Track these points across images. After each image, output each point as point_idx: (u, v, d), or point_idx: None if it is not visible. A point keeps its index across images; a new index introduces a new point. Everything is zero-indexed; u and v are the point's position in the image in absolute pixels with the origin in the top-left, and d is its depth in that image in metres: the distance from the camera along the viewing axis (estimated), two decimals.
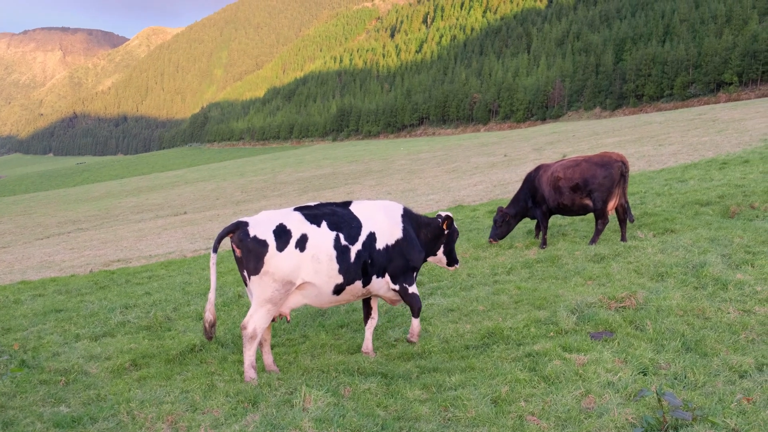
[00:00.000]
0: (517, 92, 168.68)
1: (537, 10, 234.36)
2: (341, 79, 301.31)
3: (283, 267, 6.93)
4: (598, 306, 8.20)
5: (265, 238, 6.92)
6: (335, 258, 7.16)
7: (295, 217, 7.17)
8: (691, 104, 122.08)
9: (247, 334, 7.00)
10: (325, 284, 7.20)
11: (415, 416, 5.77)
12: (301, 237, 7.03)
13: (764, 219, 12.56)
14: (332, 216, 7.35)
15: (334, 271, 7.18)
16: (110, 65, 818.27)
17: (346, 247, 7.24)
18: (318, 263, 7.10)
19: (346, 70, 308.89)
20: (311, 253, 7.06)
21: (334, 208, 7.50)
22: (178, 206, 51.67)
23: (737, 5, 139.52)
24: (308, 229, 7.11)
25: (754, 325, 7.18)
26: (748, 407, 5.24)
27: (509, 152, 53.94)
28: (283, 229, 7.01)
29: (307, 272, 7.08)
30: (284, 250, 6.94)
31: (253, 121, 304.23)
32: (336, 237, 7.21)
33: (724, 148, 28.44)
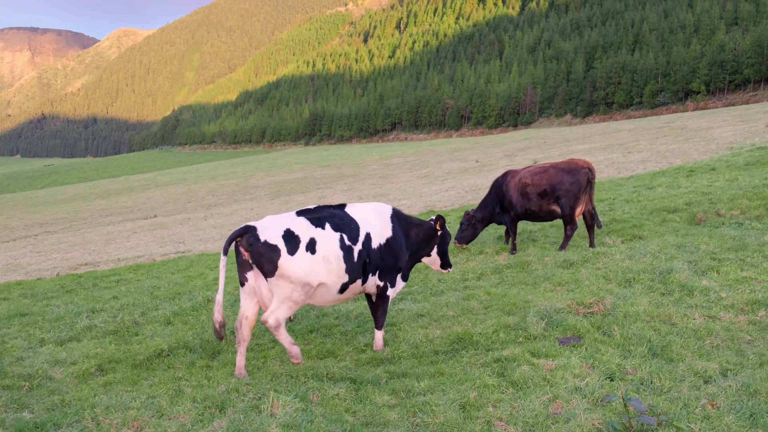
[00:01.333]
0: (489, 98, 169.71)
1: (509, 18, 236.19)
2: (314, 84, 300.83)
3: (297, 270, 7.21)
4: (567, 312, 8.26)
5: (275, 243, 7.18)
6: (342, 258, 7.50)
7: (300, 221, 7.43)
8: (660, 112, 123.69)
9: (271, 325, 7.32)
10: (334, 284, 7.53)
11: (384, 422, 5.76)
12: (310, 240, 7.32)
13: (730, 226, 12.74)
14: (333, 218, 7.65)
15: (342, 271, 7.52)
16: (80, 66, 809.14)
17: (350, 248, 7.59)
18: (329, 264, 7.41)
19: (319, 74, 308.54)
20: (321, 255, 7.36)
21: (333, 211, 7.81)
22: (148, 209, 51.19)
23: (705, 16, 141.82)
24: (315, 233, 7.39)
25: (719, 330, 7.27)
26: (713, 412, 5.30)
27: (481, 158, 54.23)
28: (291, 234, 7.28)
29: (321, 273, 7.38)
30: (295, 253, 7.20)
31: (225, 124, 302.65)
32: (341, 238, 7.54)
33: (692, 156, 28.85)
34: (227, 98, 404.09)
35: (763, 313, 7.61)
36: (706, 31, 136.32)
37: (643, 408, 4.98)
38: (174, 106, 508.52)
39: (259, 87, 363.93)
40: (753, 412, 5.25)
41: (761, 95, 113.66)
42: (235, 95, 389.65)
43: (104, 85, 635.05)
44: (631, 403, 5.01)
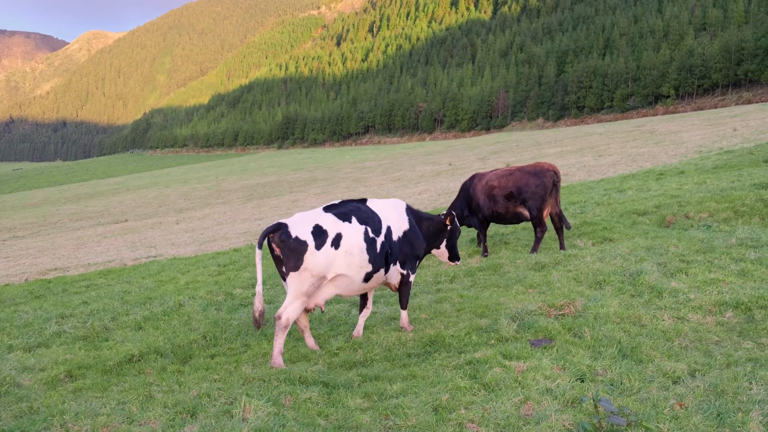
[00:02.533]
0: (462, 102, 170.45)
1: (481, 22, 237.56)
2: (287, 87, 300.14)
3: (319, 264, 7.61)
4: (538, 314, 8.32)
5: (305, 239, 7.57)
6: (366, 249, 7.96)
7: (328, 217, 7.85)
8: (631, 116, 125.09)
9: (281, 324, 7.61)
10: (356, 274, 7.95)
11: (356, 425, 5.75)
12: (336, 236, 7.75)
13: (698, 229, 12.91)
14: (358, 212, 8.14)
15: (365, 261, 7.97)
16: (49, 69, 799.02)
17: (373, 239, 8.07)
18: (351, 257, 7.84)
19: (291, 77, 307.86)
20: (344, 249, 7.80)
21: (357, 205, 8.30)
22: (119, 214, 50.68)
23: (674, 21, 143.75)
24: (342, 228, 7.84)
25: (688, 332, 7.37)
26: (681, 412, 5.36)
27: (454, 161, 54.44)
28: (320, 229, 7.70)
29: (340, 266, 7.80)
30: (321, 248, 7.62)
31: (197, 127, 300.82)
32: (365, 230, 8.02)
33: (661, 160, 29.24)
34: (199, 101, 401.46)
35: (730, 314, 7.73)
36: (676, 36, 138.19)
37: (612, 408, 5.04)
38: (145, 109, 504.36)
39: (231, 90, 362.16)
40: (720, 411, 5.33)
41: (729, 100, 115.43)
42: (207, 98, 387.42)
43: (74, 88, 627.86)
44: (601, 404, 5.06)
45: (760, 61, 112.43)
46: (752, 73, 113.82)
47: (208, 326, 9.56)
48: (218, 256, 18.09)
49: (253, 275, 13.50)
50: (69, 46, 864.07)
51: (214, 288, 12.32)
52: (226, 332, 9.22)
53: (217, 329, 9.35)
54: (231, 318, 9.97)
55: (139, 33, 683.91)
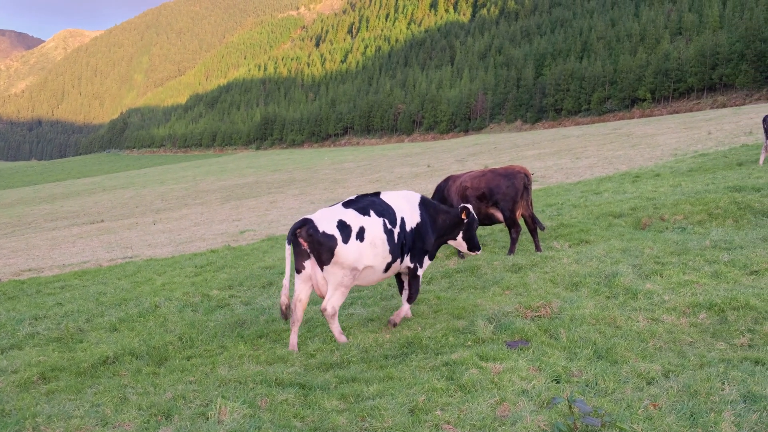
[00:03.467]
0: (441, 104, 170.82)
1: (460, 24, 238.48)
2: (265, 87, 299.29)
3: (349, 256, 8.00)
4: (515, 315, 8.36)
5: (333, 233, 7.96)
6: (386, 240, 8.39)
7: (350, 212, 8.25)
8: (607, 119, 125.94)
9: (328, 314, 8.12)
10: (380, 264, 8.41)
11: (332, 427, 5.74)
12: (360, 229, 8.15)
13: (673, 231, 13.04)
14: (374, 205, 8.51)
15: (386, 252, 8.41)
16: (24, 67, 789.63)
17: (390, 231, 8.47)
18: (375, 248, 8.28)
19: (270, 78, 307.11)
20: (369, 241, 8.21)
21: (372, 198, 8.66)
22: (95, 214, 50.19)
23: (651, 25, 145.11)
24: (363, 221, 8.24)
25: (662, 333, 7.43)
26: (655, 413, 5.41)
27: (432, 163, 54.56)
28: (344, 224, 8.09)
29: (368, 257, 8.23)
30: (348, 242, 8.01)
31: (174, 127, 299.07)
32: (383, 222, 8.43)
33: (637, 162, 29.50)
34: (177, 101, 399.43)
35: (704, 316, 7.81)
36: (652, 40, 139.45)
37: (587, 409, 5.07)
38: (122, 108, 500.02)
39: (209, 90, 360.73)
40: (693, 412, 5.38)
41: (704, 103, 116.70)
42: (185, 98, 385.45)
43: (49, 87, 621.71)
44: (576, 405, 5.09)
45: (734, 66, 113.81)
46: (727, 77, 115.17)
47: (185, 328, 9.50)
48: (195, 257, 17.99)
49: (230, 276, 13.44)
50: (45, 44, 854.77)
51: (191, 289, 12.25)
52: (203, 334, 9.17)
53: (193, 331, 9.29)
54: (207, 319, 9.92)
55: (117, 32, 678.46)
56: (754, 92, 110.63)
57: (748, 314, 7.62)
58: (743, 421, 5.19)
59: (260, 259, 15.59)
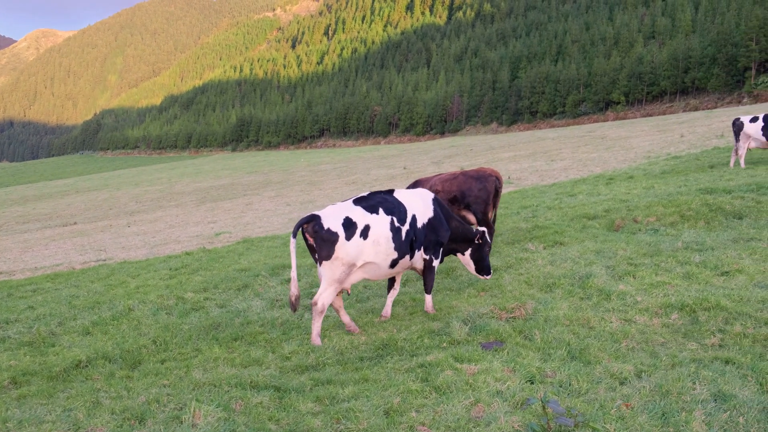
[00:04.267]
0: (417, 106, 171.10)
1: (436, 26, 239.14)
2: (241, 89, 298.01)
3: (349, 253, 8.22)
4: (490, 317, 8.40)
5: (336, 230, 8.17)
6: (391, 239, 8.57)
7: (358, 210, 8.44)
8: (582, 122, 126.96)
9: (317, 309, 8.28)
10: (383, 261, 8.58)
11: (307, 429, 5.72)
12: (365, 227, 8.35)
13: (646, 232, 13.17)
14: (385, 203, 8.71)
15: (391, 249, 8.59)
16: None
17: (398, 228, 8.66)
18: (378, 246, 8.46)
19: (246, 79, 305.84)
20: (372, 239, 8.40)
21: (384, 196, 8.86)
22: (68, 216, 49.60)
23: (624, 29, 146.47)
24: (370, 219, 8.42)
25: (635, 333, 7.50)
26: (627, 413, 5.47)
27: (409, 165, 54.62)
28: (350, 221, 8.29)
29: (369, 254, 8.41)
30: (351, 239, 8.22)
31: (149, 129, 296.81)
32: (391, 220, 8.61)
33: (611, 165, 29.76)
34: (152, 102, 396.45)
35: (675, 316, 7.90)
36: (626, 43, 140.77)
37: (561, 410, 5.10)
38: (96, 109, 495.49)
39: (184, 91, 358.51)
40: (665, 411, 5.45)
41: (677, 106, 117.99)
42: (159, 99, 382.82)
43: (21, 88, 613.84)
44: (549, 406, 5.12)
45: (706, 70, 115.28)
46: (699, 80, 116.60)
47: (159, 331, 9.44)
48: (170, 260, 17.85)
49: (205, 279, 13.36)
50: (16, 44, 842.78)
51: (165, 292, 12.16)
52: (177, 337, 9.11)
53: (167, 334, 9.23)
54: (182, 322, 9.85)
55: (90, 32, 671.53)
56: (726, 96, 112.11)
57: (719, 315, 7.72)
58: (713, 420, 5.26)
59: (236, 262, 15.52)
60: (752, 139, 20.46)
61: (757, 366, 6.24)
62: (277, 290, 11.53)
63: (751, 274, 9.20)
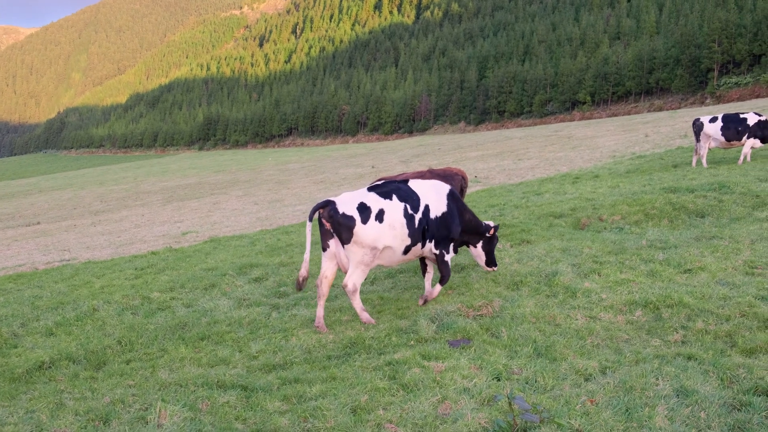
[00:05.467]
0: (385, 105, 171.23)
1: (404, 26, 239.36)
2: (208, 87, 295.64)
3: (367, 236, 8.49)
4: (457, 314, 8.45)
5: (351, 214, 8.45)
6: (405, 224, 8.81)
7: (371, 196, 8.73)
8: (549, 121, 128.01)
9: (349, 290, 8.63)
10: (398, 246, 8.85)
11: (274, 428, 5.71)
12: (379, 211, 8.59)
13: (611, 231, 13.34)
14: (398, 191, 8.94)
15: (405, 235, 8.83)
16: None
17: (412, 216, 8.89)
18: (394, 230, 8.71)
19: (213, 77, 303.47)
20: (388, 223, 8.64)
21: (398, 185, 9.11)
22: (31, 216, 48.80)
23: (590, 29, 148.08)
24: (384, 204, 8.68)
25: (599, 330, 7.60)
26: (592, 408, 5.54)
27: (377, 164, 54.64)
28: (364, 206, 8.56)
29: (387, 238, 8.66)
30: (367, 222, 8.48)
31: (114, 127, 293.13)
32: (405, 207, 8.84)
33: (577, 164, 30.07)
34: (117, 101, 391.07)
35: (639, 313, 8.01)
36: (591, 44, 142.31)
37: (526, 406, 5.16)
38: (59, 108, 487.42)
39: (150, 90, 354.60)
40: (629, 407, 5.53)
41: (641, 107, 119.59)
42: (125, 98, 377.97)
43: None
44: (515, 402, 5.18)
45: (670, 70, 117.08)
46: (663, 81, 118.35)
47: (124, 331, 9.34)
48: (135, 260, 17.65)
49: (171, 278, 13.24)
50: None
51: (131, 292, 12.02)
52: (143, 337, 9.03)
53: (133, 334, 9.14)
54: (148, 322, 9.76)
55: (53, 29, 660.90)
56: (689, 96, 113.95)
57: (682, 311, 7.84)
58: (676, 415, 5.35)
59: (203, 261, 15.40)
60: (712, 139, 20.82)
61: (718, 362, 6.35)
62: (245, 289, 11.47)
63: (713, 271, 9.36)
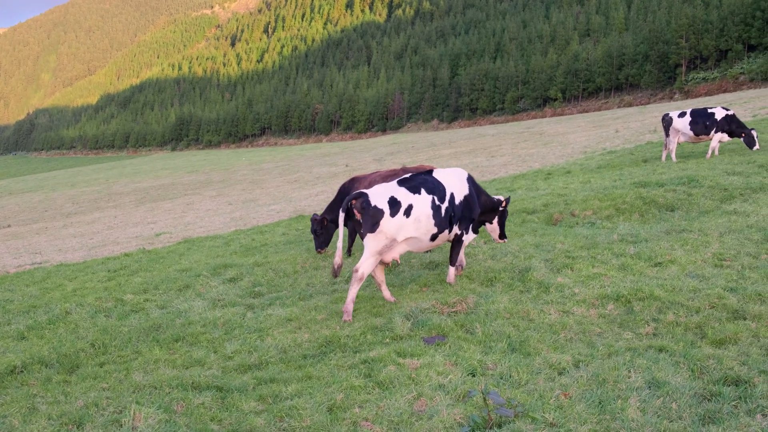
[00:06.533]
0: (359, 104, 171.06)
1: (376, 24, 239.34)
2: (180, 87, 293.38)
3: (392, 228, 8.96)
4: (432, 311, 8.49)
5: (382, 207, 8.91)
6: (432, 216, 9.31)
7: (402, 191, 9.17)
8: (521, 118, 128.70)
9: (357, 276, 8.95)
10: (424, 236, 9.35)
11: (250, 428, 5.71)
12: (408, 206, 9.09)
13: (583, 226, 13.47)
14: (426, 183, 9.44)
15: (431, 225, 9.35)
16: None
17: (438, 206, 9.40)
18: (419, 223, 9.21)
19: (185, 77, 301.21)
20: (414, 217, 9.14)
21: (425, 177, 9.59)
22: (1, 219, 48.13)
23: (560, 27, 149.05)
24: (413, 199, 9.18)
25: (572, 324, 7.68)
26: (565, 402, 5.61)
27: (351, 163, 54.61)
28: (395, 200, 9.04)
29: (410, 230, 9.15)
30: (395, 216, 8.96)
31: (85, 128, 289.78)
32: (432, 199, 9.35)
33: (550, 160, 30.30)
34: (87, 101, 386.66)
35: (611, 307, 8.11)
36: (562, 41, 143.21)
37: (501, 401, 5.22)
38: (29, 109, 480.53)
39: (121, 90, 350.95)
40: (602, 399, 5.61)
41: (612, 102, 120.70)
42: (96, 98, 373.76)
43: None
44: (490, 397, 5.23)
45: (639, 66, 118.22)
46: (632, 77, 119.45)
47: (97, 334, 9.26)
48: (108, 262, 17.49)
49: (145, 280, 13.15)
50: None
51: (104, 294, 11.91)
52: (116, 339, 8.95)
53: (106, 336, 9.06)
54: (121, 324, 9.68)
55: (22, 29, 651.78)
56: (658, 92, 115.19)
57: (653, 304, 7.96)
58: (648, 407, 5.44)
59: (176, 262, 15.30)
60: (681, 133, 21.11)
61: (689, 353, 6.46)
62: (219, 290, 11.42)
63: (683, 264, 9.50)
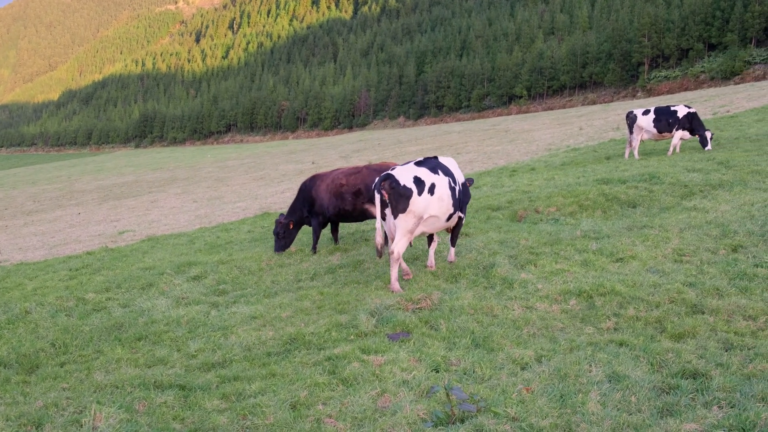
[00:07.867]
0: (325, 101, 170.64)
1: (342, 21, 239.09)
2: (144, 84, 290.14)
3: (420, 206, 9.43)
4: (397, 308, 8.51)
5: (411, 187, 9.38)
6: (450, 195, 9.89)
7: (423, 171, 9.67)
8: (487, 115, 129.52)
9: (394, 257, 9.47)
10: (443, 215, 9.88)
11: (213, 427, 5.67)
12: (431, 185, 9.59)
13: (547, 222, 13.60)
14: (440, 166, 10.05)
15: (450, 205, 9.92)
16: None
17: (453, 187, 10.01)
18: (441, 201, 9.74)
19: (149, 74, 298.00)
20: (437, 196, 9.66)
21: (437, 161, 10.19)
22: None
23: (525, 25, 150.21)
24: (434, 179, 9.70)
25: (535, 320, 7.76)
26: (527, 396, 5.66)
27: (317, 160, 54.45)
28: (419, 180, 9.51)
29: (434, 208, 9.66)
30: (422, 194, 9.44)
31: (46, 125, 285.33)
32: (449, 181, 9.94)
33: (515, 157, 30.53)
34: (48, 98, 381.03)
35: (574, 302, 8.21)
36: (527, 39, 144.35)
37: (464, 396, 5.25)
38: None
39: (84, 86, 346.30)
40: (563, 394, 5.67)
41: (576, 100, 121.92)
42: (57, 94, 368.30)
43: None
44: (453, 393, 5.26)
45: (602, 65, 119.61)
46: (596, 75, 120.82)
47: (58, 333, 9.12)
48: (70, 260, 17.24)
49: (107, 279, 12.98)
50: None
51: (65, 293, 11.74)
52: (77, 339, 8.83)
53: (67, 336, 8.94)
54: (83, 324, 9.55)
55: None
56: (621, 90, 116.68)
57: (614, 299, 8.07)
58: (608, 400, 5.51)
59: (140, 260, 15.14)
60: (645, 131, 21.42)
61: (648, 347, 6.57)
62: (183, 288, 11.33)
63: (644, 260, 9.65)
